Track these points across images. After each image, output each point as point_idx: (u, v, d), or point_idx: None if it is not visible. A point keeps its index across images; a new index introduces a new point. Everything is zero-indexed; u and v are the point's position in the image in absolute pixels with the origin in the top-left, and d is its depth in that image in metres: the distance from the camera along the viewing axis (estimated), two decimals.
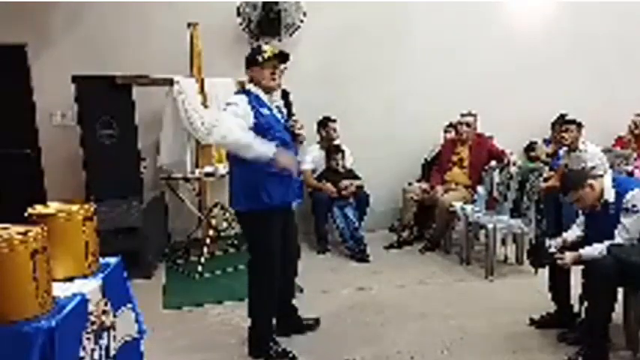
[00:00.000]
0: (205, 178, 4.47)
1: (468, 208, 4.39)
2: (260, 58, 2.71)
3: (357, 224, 4.66)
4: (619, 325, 2.82)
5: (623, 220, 2.71)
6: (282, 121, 2.82)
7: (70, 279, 1.92)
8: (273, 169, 2.60)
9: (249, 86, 2.78)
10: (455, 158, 4.84)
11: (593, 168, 4.03)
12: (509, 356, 2.84)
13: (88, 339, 1.78)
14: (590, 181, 2.79)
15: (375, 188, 5.20)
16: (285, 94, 2.86)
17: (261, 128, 2.65)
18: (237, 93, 2.82)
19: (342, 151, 4.89)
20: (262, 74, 2.72)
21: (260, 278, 2.81)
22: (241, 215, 2.82)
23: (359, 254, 4.54)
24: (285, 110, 2.89)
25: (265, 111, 2.71)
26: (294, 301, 3.17)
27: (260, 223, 2.73)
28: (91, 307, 1.82)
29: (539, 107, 5.62)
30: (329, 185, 4.69)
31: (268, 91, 2.77)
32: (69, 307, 1.70)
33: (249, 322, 2.87)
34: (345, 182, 4.75)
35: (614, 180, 2.87)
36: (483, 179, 4.65)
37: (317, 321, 3.19)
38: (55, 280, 1.78)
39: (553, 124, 5.44)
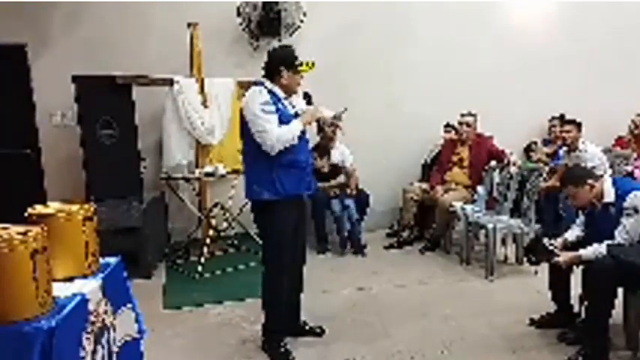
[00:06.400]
0: (205, 178, 4.47)
1: (468, 208, 4.38)
2: (299, 66, 2.77)
3: (357, 216, 4.71)
4: (619, 325, 2.82)
5: (623, 221, 2.72)
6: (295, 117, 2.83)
7: (70, 279, 1.91)
8: (285, 161, 2.69)
9: (269, 85, 2.78)
10: (455, 158, 4.85)
11: (593, 168, 4.03)
12: (509, 356, 2.84)
13: (88, 339, 1.78)
14: (590, 181, 2.79)
15: (375, 188, 5.20)
16: (307, 96, 2.92)
17: (279, 120, 2.71)
18: (255, 84, 2.80)
19: (329, 152, 4.89)
20: (294, 79, 2.78)
21: (270, 270, 2.85)
22: (256, 205, 2.84)
23: (355, 247, 4.61)
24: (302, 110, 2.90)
25: (282, 107, 2.75)
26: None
27: (273, 213, 2.76)
28: (91, 307, 1.82)
29: (539, 107, 5.63)
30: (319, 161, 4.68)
31: (290, 94, 2.83)
32: (69, 307, 1.70)
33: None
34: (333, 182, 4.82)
35: (614, 181, 2.88)
36: (483, 179, 4.65)
37: (321, 329, 3.14)
38: (55, 280, 1.78)
39: (550, 123, 5.48)
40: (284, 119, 2.69)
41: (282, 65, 2.74)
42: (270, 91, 2.73)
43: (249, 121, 2.67)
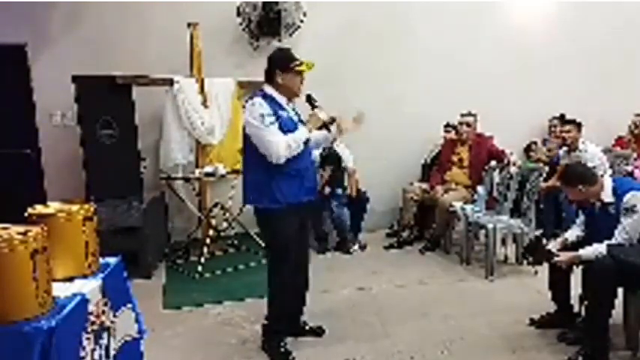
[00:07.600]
0: (205, 178, 4.47)
1: (468, 208, 4.38)
2: (298, 67, 2.72)
3: (342, 216, 4.73)
4: (619, 325, 2.82)
5: (622, 220, 2.72)
6: (299, 123, 2.81)
7: (70, 279, 1.91)
8: (286, 170, 2.67)
9: (269, 90, 2.74)
10: (455, 158, 4.85)
11: (593, 168, 4.03)
12: (509, 356, 2.84)
13: (88, 339, 1.78)
14: (580, 187, 2.79)
15: (375, 188, 5.20)
16: (310, 98, 2.87)
17: (279, 128, 2.67)
18: (253, 96, 2.74)
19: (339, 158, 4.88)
20: (294, 81, 2.75)
21: (274, 271, 2.84)
22: (257, 211, 2.82)
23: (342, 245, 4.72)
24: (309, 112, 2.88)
25: (283, 113, 2.72)
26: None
27: (275, 220, 2.74)
28: (91, 307, 1.82)
29: (539, 107, 5.64)
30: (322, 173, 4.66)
31: (291, 96, 2.80)
32: (69, 307, 1.70)
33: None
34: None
35: (613, 181, 2.88)
36: (483, 179, 4.65)
37: (321, 329, 3.15)
38: (55, 280, 1.78)
39: (550, 123, 5.49)
40: (284, 127, 2.65)
41: (276, 68, 2.72)
42: (270, 99, 2.69)
43: (251, 136, 2.65)
